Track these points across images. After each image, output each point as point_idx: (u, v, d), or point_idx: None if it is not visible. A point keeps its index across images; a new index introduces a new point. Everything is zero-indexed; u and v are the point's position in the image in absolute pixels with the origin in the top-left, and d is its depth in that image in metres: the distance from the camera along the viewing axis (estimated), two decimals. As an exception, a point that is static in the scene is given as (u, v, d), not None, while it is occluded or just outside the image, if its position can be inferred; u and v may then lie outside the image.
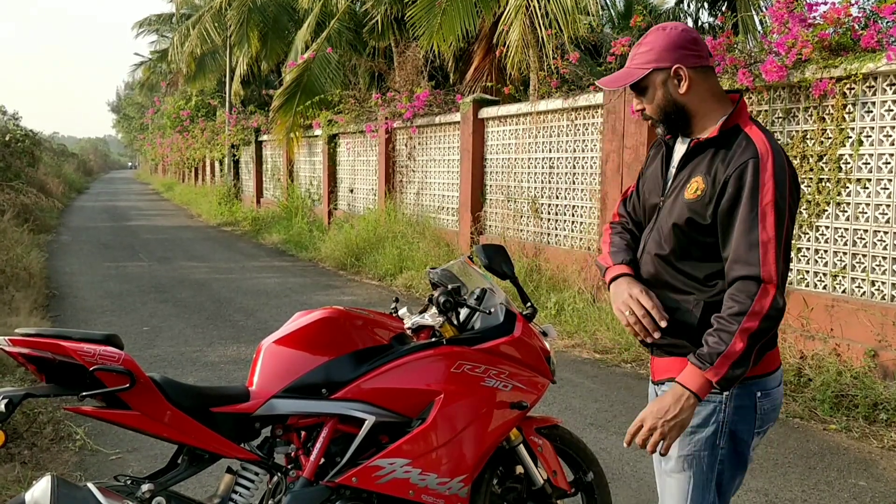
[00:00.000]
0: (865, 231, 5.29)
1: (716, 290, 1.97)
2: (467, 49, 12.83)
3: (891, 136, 5.13)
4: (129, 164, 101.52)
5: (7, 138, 17.50)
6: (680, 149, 2.09)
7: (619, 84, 2.06)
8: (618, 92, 7.17)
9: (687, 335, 1.99)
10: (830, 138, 5.46)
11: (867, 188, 5.26)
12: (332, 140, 14.70)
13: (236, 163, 22.18)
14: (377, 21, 14.11)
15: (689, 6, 15.19)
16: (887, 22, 5.18)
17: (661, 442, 1.89)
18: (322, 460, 2.43)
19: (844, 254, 5.43)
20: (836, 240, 5.48)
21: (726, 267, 1.91)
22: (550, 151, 8.56)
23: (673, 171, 2.08)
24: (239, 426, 2.35)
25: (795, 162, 5.58)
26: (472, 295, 2.66)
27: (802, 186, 5.55)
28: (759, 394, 1.99)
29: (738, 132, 1.96)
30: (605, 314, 6.83)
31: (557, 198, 8.47)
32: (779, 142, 1.95)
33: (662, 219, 2.05)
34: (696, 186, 1.97)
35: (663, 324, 1.96)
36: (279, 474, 2.43)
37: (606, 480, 2.94)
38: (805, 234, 5.67)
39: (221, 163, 24.33)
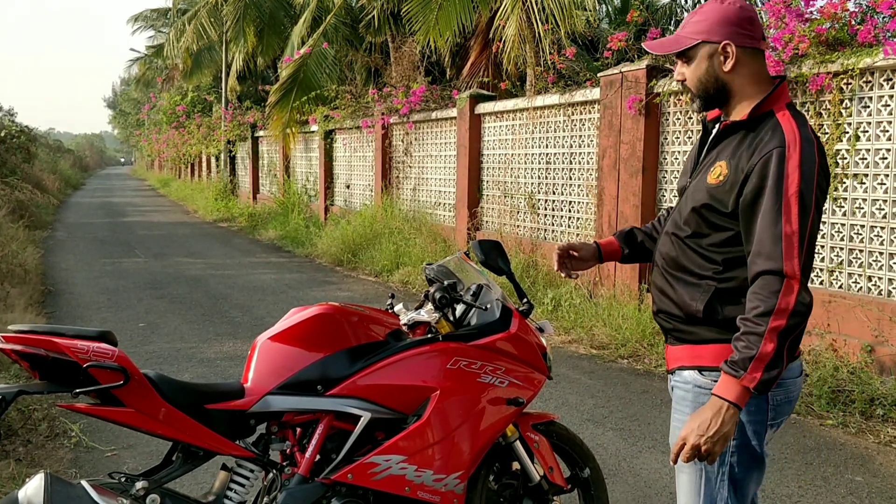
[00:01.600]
0: (862, 226, 5.29)
1: (731, 277, 1.92)
2: (464, 44, 12.81)
3: (888, 131, 5.12)
4: (122, 159, 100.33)
5: (2, 134, 17.42)
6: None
7: (664, 50, 2.04)
8: (615, 87, 7.16)
9: (695, 321, 1.97)
10: (827, 133, 5.45)
11: (864, 183, 5.26)
12: (329, 136, 14.66)
13: (232, 159, 22.12)
14: (373, 16, 14.10)
15: (685, 1, 15.17)
16: (884, 17, 5.17)
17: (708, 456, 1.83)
18: (317, 457, 2.42)
19: (841, 249, 5.43)
20: (833, 235, 5.48)
21: (749, 261, 1.86)
22: (547, 147, 8.55)
23: (705, 152, 2.06)
24: (234, 423, 2.34)
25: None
26: (469, 291, 2.64)
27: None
28: None
29: (770, 117, 1.91)
30: (602, 310, 6.83)
31: (554, 193, 8.45)
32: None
33: (684, 200, 2.03)
34: (718, 171, 1.93)
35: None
36: (274, 471, 2.43)
37: (603, 476, 2.94)
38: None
39: (218, 159, 24.26)
